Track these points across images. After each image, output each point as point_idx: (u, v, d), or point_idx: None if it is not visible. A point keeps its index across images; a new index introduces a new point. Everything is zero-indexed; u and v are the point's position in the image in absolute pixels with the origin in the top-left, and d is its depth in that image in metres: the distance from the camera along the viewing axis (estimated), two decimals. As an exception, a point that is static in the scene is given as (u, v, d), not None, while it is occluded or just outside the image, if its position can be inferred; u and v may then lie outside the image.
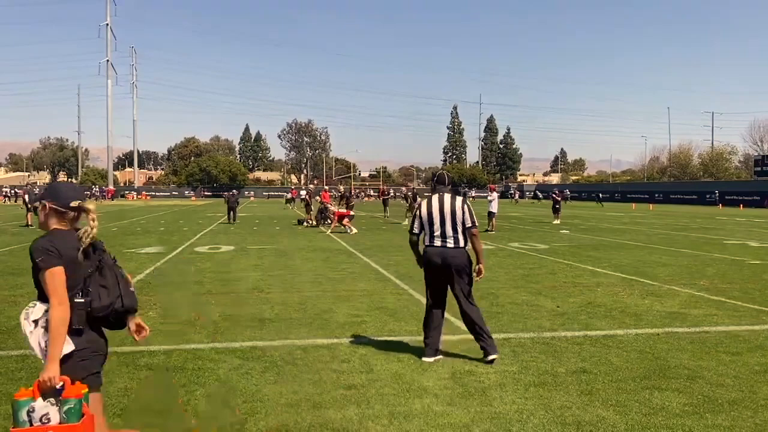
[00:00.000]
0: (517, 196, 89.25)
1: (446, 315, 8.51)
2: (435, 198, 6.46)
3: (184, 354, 6.54)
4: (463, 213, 6.40)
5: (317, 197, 30.75)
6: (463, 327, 7.80)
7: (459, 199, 6.47)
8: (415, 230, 6.48)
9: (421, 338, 6.58)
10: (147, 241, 20.30)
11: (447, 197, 6.45)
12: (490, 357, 6.23)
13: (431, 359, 6.28)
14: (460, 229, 6.37)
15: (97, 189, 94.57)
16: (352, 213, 25.46)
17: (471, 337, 6.51)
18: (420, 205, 6.48)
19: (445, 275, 6.36)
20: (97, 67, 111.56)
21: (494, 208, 25.50)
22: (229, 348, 6.77)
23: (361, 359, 6.35)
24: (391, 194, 45.43)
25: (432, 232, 6.37)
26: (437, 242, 6.35)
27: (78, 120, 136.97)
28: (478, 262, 6.38)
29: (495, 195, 26.11)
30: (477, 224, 6.50)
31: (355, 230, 23.96)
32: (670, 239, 21.99)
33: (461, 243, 6.37)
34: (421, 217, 6.43)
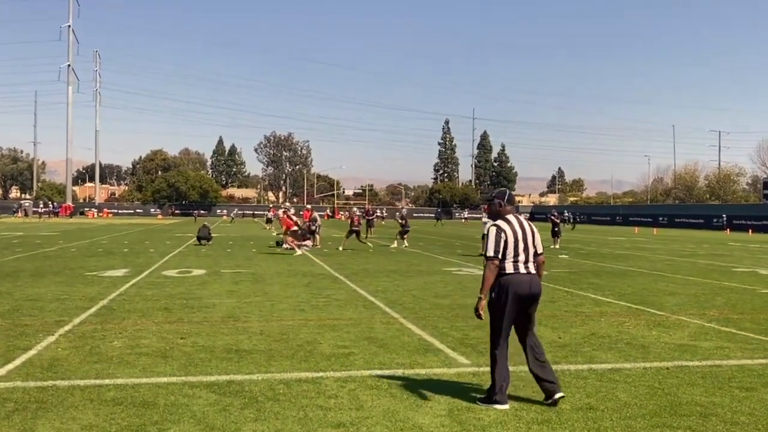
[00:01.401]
0: None
1: (441, 346, 8.57)
2: (514, 220, 6.24)
3: (155, 388, 6.50)
4: (538, 237, 6.33)
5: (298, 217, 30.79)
6: (461, 360, 7.80)
7: (530, 223, 6.38)
8: (500, 255, 6.10)
9: (415, 371, 6.54)
10: (110, 263, 20.20)
11: (524, 220, 6.32)
12: (558, 395, 6.09)
13: (507, 405, 6.05)
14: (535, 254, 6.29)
15: (50, 203, 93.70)
16: (294, 228, 25.98)
17: (469, 370, 6.49)
18: (502, 227, 6.16)
19: (527, 305, 6.19)
20: (56, 73, 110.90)
21: (489, 230, 25.57)
22: (204, 382, 6.74)
23: (349, 394, 6.34)
24: (377, 214, 45.41)
25: (517, 257, 6.13)
26: (522, 269, 6.13)
27: (34, 129, 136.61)
28: None
29: None
30: None
31: (299, 252, 24.80)
32: (676, 266, 22.15)
33: (536, 268, 6.28)
34: (506, 242, 6.12)
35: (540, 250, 6.29)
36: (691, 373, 7.37)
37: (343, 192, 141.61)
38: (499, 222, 6.22)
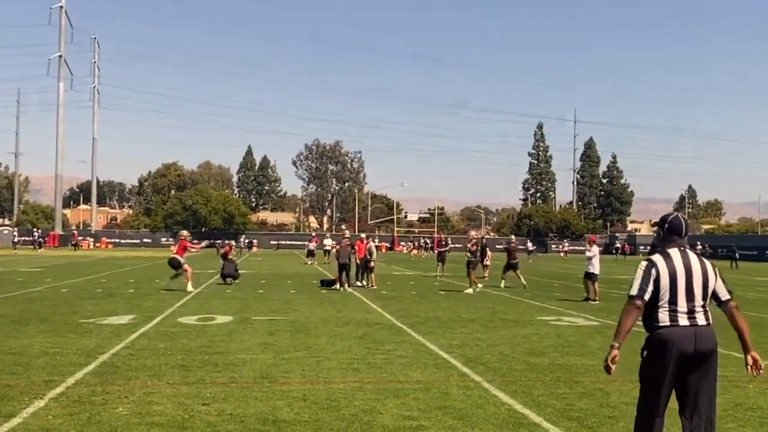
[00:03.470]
0: (625, 250, 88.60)
1: (537, 419, 8.48)
2: (676, 255, 6.08)
3: (172, 467, 6.58)
4: (716, 278, 6.06)
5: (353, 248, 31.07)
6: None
7: (705, 260, 6.13)
8: (646, 296, 5.99)
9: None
10: (111, 307, 20.51)
11: (692, 255, 6.09)
12: None
13: None
14: (707, 301, 6.03)
15: (38, 233, 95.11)
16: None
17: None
18: (654, 263, 6.02)
19: (690, 368, 5.90)
20: (44, 66, 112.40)
21: (596, 267, 25.30)
22: (233, 460, 6.80)
23: (419, 480, 6.33)
24: (450, 246, 45.38)
25: (675, 303, 5.95)
26: (683, 320, 5.91)
27: (16, 137, 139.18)
28: (746, 350, 6.04)
29: (596, 249, 25.89)
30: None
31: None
32: None
33: (710, 320, 5.99)
34: (657, 282, 5.99)
35: (726, 296, 6.04)
36: None
37: (405, 217, 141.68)
38: (654, 256, 6.07)
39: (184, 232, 30.16)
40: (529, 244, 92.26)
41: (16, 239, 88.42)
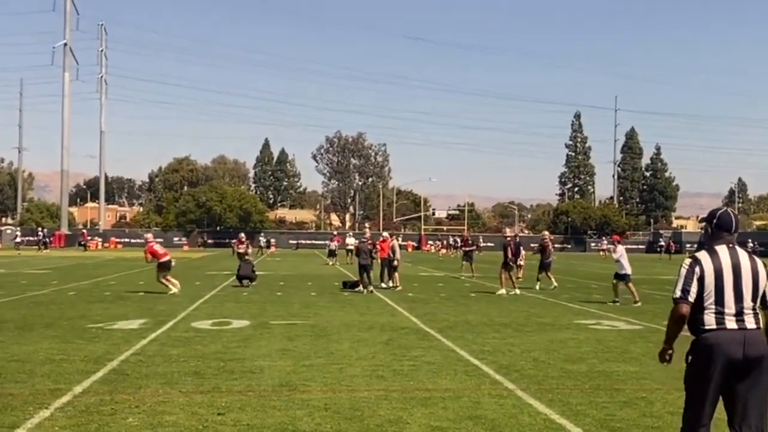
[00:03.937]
0: (670, 248, 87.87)
1: (575, 429, 8.44)
2: (724, 251, 5.99)
3: (185, 481, 6.59)
4: (767, 278, 5.98)
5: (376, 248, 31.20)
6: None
7: (757, 258, 6.03)
8: (691, 298, 5.94)
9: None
10: (121, 311, 20.59)
11: (741, 252, 6.00)
12: None
13: None
14: (757, 303, 5.94)
15: (43, 233, 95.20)
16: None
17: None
18: (698, 260, 6.00)
19: (739, 376, 5.81)
20: (49, 55, 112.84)
21: (626, 267, 25.27)
22: (250, 473, 6.81)
23: (448, 495, 6.32)
24: (477, 245, 45.36)
25: (721, 305, 5.86)
26: (731, 323, 5.81)
27: (19, 131, 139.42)
28: None
29: (621, 249, 25.95)
30: None
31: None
32: None
33: (761, 322, 5.91)
34: (702, 281, 5.96)
35: None
36: None
37: (433, 214, 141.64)
38: (699, 253, 6.02)
39: (149, 235, 30.18)
40: (604, 242, 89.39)
41: (18, 239, 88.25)
